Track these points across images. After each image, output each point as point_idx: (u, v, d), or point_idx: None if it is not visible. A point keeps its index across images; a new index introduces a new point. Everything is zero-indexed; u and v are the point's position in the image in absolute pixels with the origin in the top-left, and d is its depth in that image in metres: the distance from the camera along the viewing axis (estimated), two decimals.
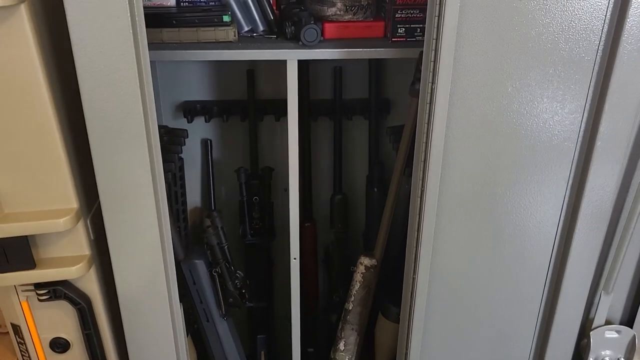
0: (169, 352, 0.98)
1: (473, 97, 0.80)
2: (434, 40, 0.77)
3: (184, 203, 1.26)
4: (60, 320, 0.96)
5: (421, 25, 0.94)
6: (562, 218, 0.90)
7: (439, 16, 0.75)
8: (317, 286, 1.39)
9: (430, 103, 0.80)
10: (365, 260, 1.08)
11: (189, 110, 1.23)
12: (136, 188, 0.85)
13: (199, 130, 1.28)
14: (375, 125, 1.25)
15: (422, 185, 0.86)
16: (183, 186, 1.25)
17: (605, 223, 0.91)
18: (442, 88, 0.78)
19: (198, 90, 1.25)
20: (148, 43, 0.77)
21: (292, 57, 0.94)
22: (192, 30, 0.93)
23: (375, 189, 1.26)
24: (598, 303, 0.95)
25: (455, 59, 0.77)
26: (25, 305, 0.94)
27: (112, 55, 0.74)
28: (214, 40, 0.95)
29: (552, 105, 0.82)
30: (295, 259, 1.11)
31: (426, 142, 0.83)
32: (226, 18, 0.93)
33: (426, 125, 0.82)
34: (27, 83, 0.77)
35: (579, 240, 0.90)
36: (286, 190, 1.23)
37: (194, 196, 1.35)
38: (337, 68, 1.21)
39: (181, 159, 1.23)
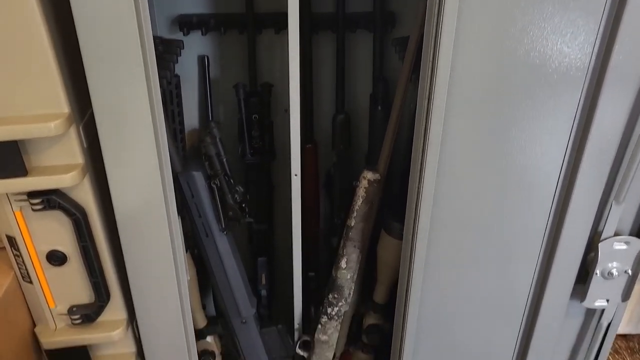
0: (168, 266, 0.96)
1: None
2: None
3: (181, 122, 1.22)
4: (56, 232, 0.94)
5: None
6: (573, 131, 0.87)
7: None
8: (319, 210, 1.37)
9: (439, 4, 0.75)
10: (369, 175, 1.04)
11: (185, 23, 1.17)
12: (131, 98, 0.82)
13: (195, 46, 1.23)
14: (380, 40, 1.19)
15: (430, 88, 0.82)
16: (180, 104, 1.21)
17: (619, 134, 0.87)
18: None
19: (194, 2, 1.19)
20: None
21: None
22: None
23: (380, 108, 1.21)
24: (608, 214, 0.92)
25: None
26: (19, 215, 0.91)
27: None
28: None
29: (564, 29, 0.78)
30: (296, 175, 1.08)
31: (435, 42, 0.78)
32: None
33: (434, 26, 0.77)
34: None
35: (591, 150, 0.87)
36: (286, 111, 1.19)
37: (191, 117, 1.31)
38: None
39: (177, 76, 1.18)
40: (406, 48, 0.98)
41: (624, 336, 1.86)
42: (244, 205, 1.00)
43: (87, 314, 1.00)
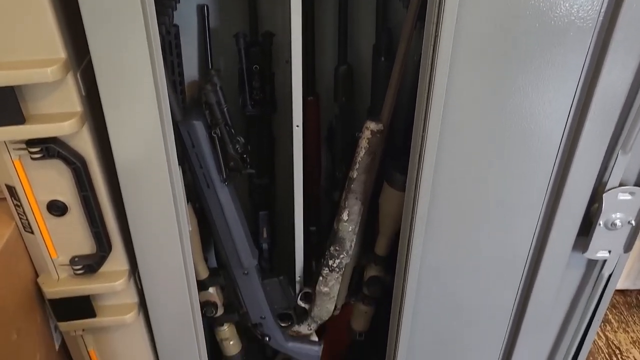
0: (169, 216, 0.96)
1: None
2: None
3: (181, 74, 1.20)
4: (56, 181, 0.93)
5: None
6: (581, 80, 0.85)
7: None
8: (320, 164, 1.36)
9: None
10: (372, 125, 1.03)
11: None
12: (130, 46, 0.80)
13: None
14: None
15: (435, 37, 0.80)
16: (179, 55, 1.18)
17: (628, 82, 0.85)
18: None
19: None
20: None
21: None
22: None
23: (383, 58, 1.19)
24: (614, 164, 0.91)
25: None
26: (18, 164, 0.90)
27: None
28: None
29: None
30: (297, 126, 1.07)
31: None
32: None
33: None
34: None
35: (598, 98, 0.85)
36: (287, 62, 1.17)
37: (191, 69, 1.29)
38: None
39: (176, 26, 1.15)
40: None
41: (621, 291, 1.88)
42: (245, 156, 0.99)
43: (89, 264, 1.00)
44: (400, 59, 0.98)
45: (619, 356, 1.71)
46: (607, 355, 1.71)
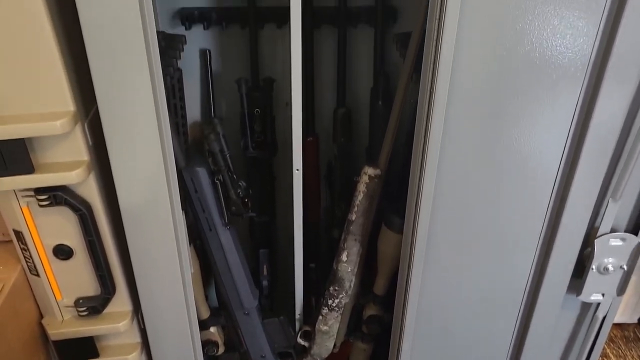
0: (172, 259, 0.98)
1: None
2: None
3: (184, 116, 1.23)
4: (63, 226, 0.95)
5: None
6: (572, 128, 0.88)
7: None
8: (320, 202, 1.39)
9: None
10: (369, 170, 1.06)
11: (187, 17, 1.18)
12: (135, 94, 0.83)
13: (197, 40, 1.23)
14: (381, 35, 1.20)
15: (431, 84, 0.83)
16: (182, 98, 1.22)
17: (617, 131, 0.88)
18: None
19: None
20: None
21: None
22: None
23: (380, 102, 1.22)
24: (605, 211, 0.94)
25: None
26: (26, 210, 0.93)
27: None
28: None
29: (564, 30, 0.79)
30: (297, 170, 1.10)
31: (436, 40, 0.79)
32: None
33: (437, 21, 0.78)
34: None
35: (589, 146, 0.88)
36: (287, 104, 1.20)
37: (193, 110, 1.32)
38: None
39: (179, 70, 1.19)
40: (407, 44, 0.99)
41: (619, 325, 1.89)
42: (246, 200, 1.02)
43: (94, 306, 1.02)
44: (398, 106, 1.01)
45: None
46: None
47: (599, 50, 0.81)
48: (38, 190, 0.90)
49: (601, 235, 0.95)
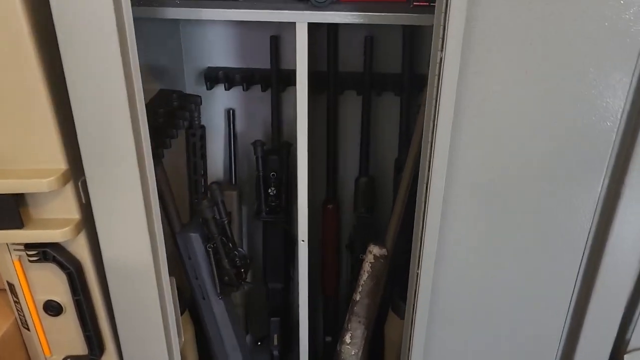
0: (157, 326, 0.94)
1: (492, 69, 0.69)
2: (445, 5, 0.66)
3: (204, 174, 1.21)
4: (53, 282, 0.94)
5: None
6: (594, 223, 0.77)
7: None
8: (338, 271, 1.32)
9: (438, 75, 0.69)
10: (375, 249, 0.98)
11: (210, 77, 1.17)
12: (120, 160, 0.81)
13: (222, 98, 1.23)
14: (407, 103, 1.14)
15: (428, 170, 0.76)
16: (204, 156, 1.21)
17: None
18: (451, 55, 0.67)
19: (222, 56, 1.19)
20: None
21: (300, 19, 0.85)
22: None
23: None
24: (636, 322, 0.80)
25: (468, 20, 0.65)
26: (17, 264, 0.92)
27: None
28: None
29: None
30: (303, 241, 1.04)
31: (434, 121, 0.72)
32: None
33: (434, 101, 0.72)
34: (11, 32, 0.74)
35: (613, 247, 0.77)
36: None
37: (217, 168, 1.31)
38: (367, 37, 1.11)
39: (202, 127, 1.18)
40: None
41: None
42: (242, 270, 0.97)
43: None
44: (406, 184, 0.94)
45: None
46: None
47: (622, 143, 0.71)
48: (28, 246, 0.89)
49: (632, 351, 0.82)
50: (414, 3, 0.85)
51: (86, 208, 0.90)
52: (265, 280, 1.28)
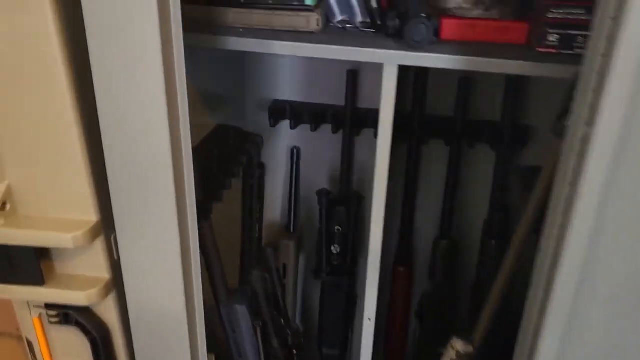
0: None
1: None
2: (602, 57, 0.48)
3: (260, 219, 1.06)
4: (75, 347, 0.81)
5: (584, 33, 0.64)
6: None
7: (615, 18, 0.46)
8: (406, 341, 1.14)
9: (580, 155, 0.51)
10: (458, 345, 0.80)
11: (274, 112, 1.03)
12: (156, 213, 0.67)
13: (286, 135, 1.08)
14: (504, 159, 0.95)
15: (554, 263, 0.57)
16: (261, 198, 1.06)
17: None
18: (605, 134, 0.49)
19: (289, 87, 1.04)
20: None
21: (389, 60, 0.68)
22: (264, 13, 0.72)
23: (494, 241, 0.97)
24: None
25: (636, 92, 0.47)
26: (37, 322, 0.80)
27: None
28: (291, 29, 0.72)
29: None
30: (370, 319, 0.87)
31: (567, 206, 0.54)
32: (309, 1, 0.70)
33: (569, 187, 0.53)
34: (43, 62, 0.62)
35: None
36: None
37: (274, 213, 1.16)
38: (463, 80, 0.93)
39: (262, 166, 1.03)
40: (532, 182, 0.74)
41: None
42: (294, 351, 0.80)
43: None
44: (507, 270, 0.75)
45: None
46: None
47: None
48: (49, 305, 0.77)
49: None
50: (539, 48, 0.66)
51: (119, 266, 0.77)
52: (320, 345, 1.11)
